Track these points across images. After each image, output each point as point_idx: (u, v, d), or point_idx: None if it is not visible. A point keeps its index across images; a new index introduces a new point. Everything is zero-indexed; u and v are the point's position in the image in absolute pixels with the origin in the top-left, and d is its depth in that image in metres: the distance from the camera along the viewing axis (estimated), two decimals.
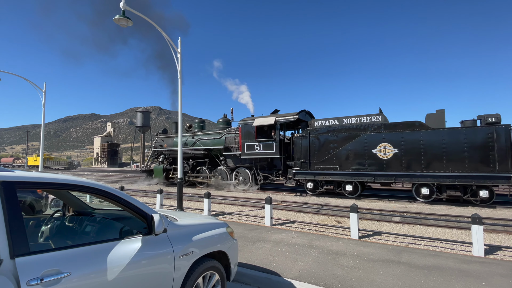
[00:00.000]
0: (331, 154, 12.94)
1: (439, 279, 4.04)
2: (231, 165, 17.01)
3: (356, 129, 12.54)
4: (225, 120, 19.22)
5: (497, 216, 8.57)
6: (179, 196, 8.70)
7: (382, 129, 12.00)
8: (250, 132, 15.40)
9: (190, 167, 18.29)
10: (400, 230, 7.30)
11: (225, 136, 17.19)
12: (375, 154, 11.99)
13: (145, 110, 77.20)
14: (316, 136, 13.46)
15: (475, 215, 5.15)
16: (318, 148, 13.36)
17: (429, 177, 11.00)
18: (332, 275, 4.17)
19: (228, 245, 3.16)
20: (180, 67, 9.04)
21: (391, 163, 11.67)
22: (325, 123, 13.51)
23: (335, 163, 12.86)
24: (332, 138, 13.06)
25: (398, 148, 11.55)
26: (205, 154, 17.83)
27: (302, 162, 13.61)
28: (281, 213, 9.56)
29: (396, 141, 11.62)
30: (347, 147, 12.61)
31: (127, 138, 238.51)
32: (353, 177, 12.48)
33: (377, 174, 11.96)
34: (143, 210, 2.40)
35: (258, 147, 15.07)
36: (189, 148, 18.33)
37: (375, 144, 12.00)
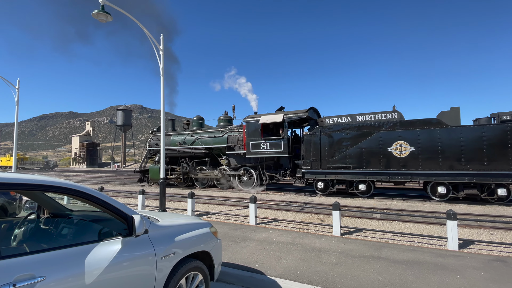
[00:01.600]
0: (344, 152, 12.47)
1: (417, 273, 4.20)
2: (234, 164, 16.26)
3: (370, 127, 12.11)
4: (226, 117, 18.36)
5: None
6: (161, 196, 8.55)
7: (398, 126, 11.64)
8: (255, 130, 14.70)
9: (190, 166, 17.35)
10: (380, 227, 7.53)
11: (227, 134, 16.41)
12: (390, 152, 11.63)
13: (126, 108, 75.22)
14: (328, 133, 12.95)
15: (449, 211, 5.39)
16: (329, 146, 12.85)
17: (446, 175, 10.82)
18: (315, 272, 4.24)
19: (212, 245, 3.14)
20: (162, 64, 8.87)
21: (408, 162, 11.37)
22: (337, 120, 12.95)
23: (348, 162, 12.40)
24: (345, 135, 12.56)
25: (414, 146, 11.26)
26: (206, 153, 17.01)
27: (312, 161, 13.09)
28: (265, 211, 9.61)
29: (413, 139, 11.32)
30: (360, 145, 12.17)
31: (107, 137, 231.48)
32: (366, 176, 12.10)
33: (392, 173, 11.62)
34: (123, 211, 2.34)
35: (264, 146, 14.40)
36: (188, 147, 17.46)
37: (391, 142, 11.65)
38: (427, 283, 3.84)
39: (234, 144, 16.02)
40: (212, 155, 17.12)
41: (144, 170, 19.69)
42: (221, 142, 16.47)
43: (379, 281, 3.93)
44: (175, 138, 18.27)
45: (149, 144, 19.74)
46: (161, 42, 8.97)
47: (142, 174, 19.74)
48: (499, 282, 3.86)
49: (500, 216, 8.46)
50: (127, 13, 8.14)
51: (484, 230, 6.96)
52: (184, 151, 17.39)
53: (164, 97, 8.90)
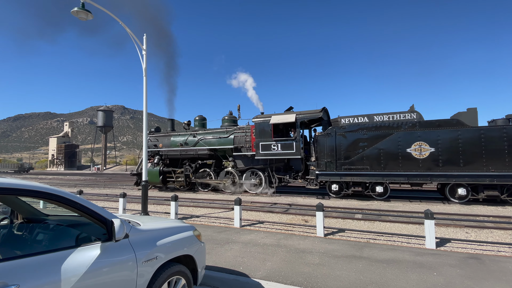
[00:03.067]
0: (360, 153, 12.14)
1: (397, 271, 4.32)
2: (241, 166, 15.54)
3: (389, 127, 11.83)
4: (231, 117, 17.47)
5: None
6: (143, 199, 8.36)
7: (417, 127, 11.40)
8: (265, 130, 14.11)
9: (193, 169, 16.40)
10: (362, 227, 7.69)
11: (233, 135, 15.65)
12: (409, 153, 11.39)
13: (107, 109, 73.23)
14: (343, 134, 12.52)
15: (427, 210, 5.59)
16: (345, 147, 12.44)
17: (466, 176, 10.67)
18: (299, 273, 4.28)
19: (195, 249, 3.10)
20: (145, 64, 8.70)
21: (427, 163, 11.16)
22: (353, 120, 12.60)
23: (365, 163, 12.05)
24: (362, 136, 12.21)
25: (434, 147, 11.07)
26: (210, 155, 16.21)
27: (327, 162, 12.67)
28: (250, 213, 9.60)
29: (433, 139, 11.12)
30: (378, 146, 11.86)
31: (87, 139, 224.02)
32: (384, 178, 11.80)
33: (411, 175, 11.37)
34: (102, 215, 2.27)
35: (275, 147, 13.83)
36: (191, 148, 16.55)
37: (410, 143, 11.39)
38: (406, 281, 3.97)
39: (241, 145, 15.33)
40: (216, 157, 16.40)
41: (141, 173, 18.35)
42: (227, 143, 15.70)
43: (360, 280, 4.01)
44: (175, 139, 17.35)
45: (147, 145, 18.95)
46: (144, 42, 8.81)
47: (139, 177, 18.33)
48: (473, 279, 4.04)
49: (474, 215, 8.86)
50: (110, 12, 7.94)
51: (459, 228, 7.27)
52: (186, 153, 16.55)
53: (146, 97, 8.73)
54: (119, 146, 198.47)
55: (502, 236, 6.57)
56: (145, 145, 8.75)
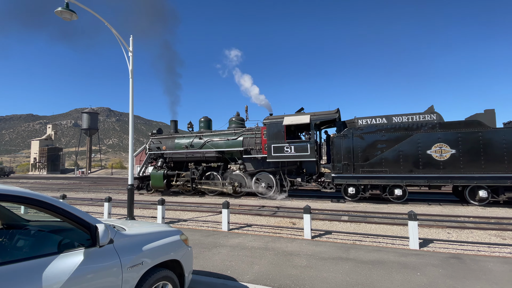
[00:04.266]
0: (379, 155, 11.87)
1: (382, 272, 4.41)
2: (250, 169, 15.00)
3: (408, 129, 11.60)
4: (239, 119, 16.93)
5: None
6: (129, 204, 8.20)
7: (437, 128, 11.22)
8: (278, 132, 13.68)
9: (200, 172, 15.73)
10: (348, 229, 7.81)
11: (242, 137, 15.16)
12: (430, 155, 11.19)
13: (92, 111, 71.61)
14: (360, 135, 12.20)
15: (411, 212, 5.74)
16: (363, 149, 12.12)
17: (488, 178, 10.56)
18: (286, 275, 4.30)
19: (182, 253, 3.07)
20: (132, 66, 8.59)
21: (448, 165, 10.99)
22: (371, 121, 12.33)
23: (384, 166, 11.75)
24: (380, 137, 11.93)
25: (455, 149, 10.92)
26: (218, 158, 15.61)
27: (344, 164, 12.30)
28: (238, 217, 9.57)
29: (453, 141, 10.97)
30: (397, 147, 11.61)
31: (71, 142, 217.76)
32: (403, 181, 11.55)
33: (431, 177, 11.18)
34: (85, 220, 2.22)
35: (288, 149, 13.38)
36: (197, 150, 15.91)
37: (430, 145, 11.20)
38: (391, 282, 4.05)
39: (251, 148, 14.84)
40: (224, 160, 15.91)
41: (143, 177, 17.57)
42: (235, 145, 15.20)
43: (347, 281, 4.07)
44: (180, 141, 16.71)
45: (149, 148, 17.65)
46: (131, 43, 8.71)
47: (140, 181, 17.54)
48: (455, 278, 4.17)
49: (456, 216, 9.15)
50: (95, 13, 7.81)
51: (441, 229, 7.49)
52: (193, 155, 15.89)
53: (133, 100, 8.61)
54: (105, 149, 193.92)
55: (482, 236, 6.81)
56: (131, 148, 8.60)
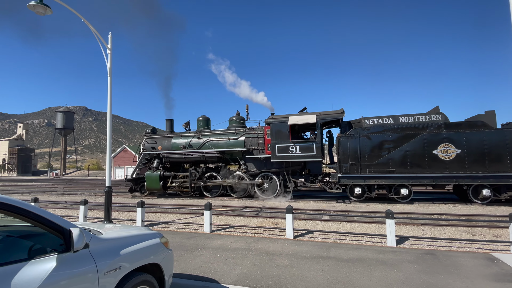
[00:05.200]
0: (386, 155, 11.94)
1: (361, 269, 4.53)
2: (253, 170, 14.64)
3: (414, 129, 11.74)
4: (239, 118, 16.47)
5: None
6: (107, 206, 7.92)
7: (443, 128, 11.43)
8: (282, 131, 13.42)
9: (200, 173, 15.24)
10: (329, 228, 7.96)
11: (244, 137, 14.78)
12: (436, 155, 11.37)
13: (67, 110, 68.65)
14: (367, 135, 12.20)
15: (388, 210, 5.94)
16: (369, 149, 12.13)
17: (491, 178, 10.82)
18: (268, 275, 4.31)
19: (162, 256, 3.00)
20: (110, 64, 8.32)
21: (453, 164, 11.21)
22: (377, 121, 12.41)
23: (391, 166, 11.82)
24: (387, 138, 11.99)
25: (461, 149, 11.16)
26: (219, 158, 15.17)
27: (351, 164, 12.24)
28: (221, 218, 9.49)
29: (459, 141, 11.20)
30: (404, 147, 11.72)
31: (44, 142, 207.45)
32: (409, 180, 11.68)
33: (437, 176, 11.36)
34: (59, 224, 2.12)
35: (293, 149, 13.15)
36: (197, 150, 15.38)
37: (436, 145, 11.39)
38: (369, 278, 4.17)
39: (253, 148, 14.52)
40: (225, 160, 15.51)
41: (137, 178, 16.79)
42: (237, 145, 14.82)
43: (328, 280, 4.15)
44: (177, 141, 16.15)
45: (143, 148, 16.94)
46: (109, 40, 8.43)
47: (134, 183, 16.78)
48: (429, 273, 4.35)
49: (429, 213, 9.57)
50: (72, 8, 7.49)
51: (417, 227, 7.79)
52: (192, 156, 15.34)
53: (111, 99, 8.33)
54: (81, 149, 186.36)
55: (453, 233, 7.16)
56: (109, 148, 8.30)
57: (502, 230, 7.17)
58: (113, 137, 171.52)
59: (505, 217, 7.92)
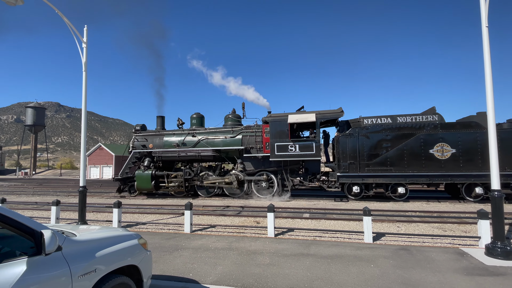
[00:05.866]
0: (384, 154, 12.12)
1: (339, 266, 4.64)
2: (250, 169, 14.44)
3: (412, 128, 12.00)
4: (235, 116, 16.05)
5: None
6: (81, 207, 7.60)
7: (439, 128, 11.73)
8: (282, 130, 13.36)
9: (195, 173, 14.77)
10: (310, 225, 8.09)
11: (241, 135, 14.53)
12: (432, 154, 11.65)
13: (38, 105, 65.03)
14: (366, 135, 12.34)
15: (365, 208, 6.12)
16: (368, 148, 12.28)
17: (484, 176, 11.12)
18: (249, 274, 4.31)
19: (140, 258, 2.92)
20: (85, 58, 7.97)
21: (449, 163, 11.53)
22: (376, 121, 12.57)
23: (388, 164, 12.03)
24: (385, 137, 12.18)
25: (455, 148, 11.49)
26: (215, 157, 14.85)
27: (350, 163, 12.37)
28: (202, 218, 9.38)
29: (454, 141, 11.53)
30: (401, 147, 11.96)
31: (12, 139, 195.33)
32: (406, 179, 11.92)
33: (433, 175, 11.66)
34: (28, 226, 2.00)
35: (293, 148, 13.13)
36: (192, 149, 14.92)
37: (432, 144, 11.67)
38: (348, 274, 4.28)
39: (251, 146, 14.32)
40: (221, 159, 15.18)
41: (125, 178, 15.92)
42: (234, 143, 14.56)
43: (308, 277, 4.21)
44: (170, 139, 15.59)
45: (133, 146, 16.17)
46: (85, 34, 8.06)
47: (122, 182, 15.92)
48: (403, 268, 4.54)
49: (404, 211, 9.97)
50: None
51: (392, 223, 8.11)
52: (187, 154, 14.84)
53: (86, 94, 7.98)
54: (53, 147, 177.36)
55: (426, 229, 7.51)
56: (84, 147, 7.96)
57: (471, 226, 7.61)
58: (88, 135, 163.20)
59: (473, 213, 8.42)
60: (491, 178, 5.39)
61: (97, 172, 44.16)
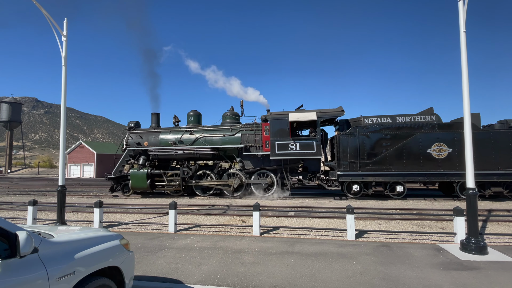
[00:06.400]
0: (384, 153, 12.32)
1: (323, 263, 4.72)
2: (249, 167, 14.31)
3: (410, 128, 12.23)
4: (233, 114, 15.78)
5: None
6: (59, 207, 7.33)
7: (437, 128, 12.02)
8: (282, 128, 13.33)
9: (193, 171, 14.44)
10: (294, 224, 8.18)
11: (240, 133, 14.34)
12: (430, 153, 11.93)
13: (14, 101, 62.13)
14: (366, 134, 12.53)
15: (349, 206, 6.25)
16: (368, 147, 12.46)
17: (478, 175, 11.14)
18: (234, 273, 4.31)
19: (122, 259, 2.85)
20: (65, 52, 7.68)
21: (445, 162, 11.84)
22: (376, 120, 12.76)
23: (388, 163, 12.25)
24: (385, 136, 12.40)
25: (452, 148, 11.82)
26: (213, 155, 14.57)
27: (350, 162, 12.50)
28: (187, 217, 9.28)
29: (450, 140, 11.86)
30: (400, 146, 12.19)
31: None
32: (405, 178, 12.18)
33: (430, 174, 11.88)
34: (2, 227, 1.91)
35: (293, 146, 13.15)
36: (189, 147, 14.55)
37: (430, 144, 11.95)
38: (331, 271, 4.36)
39: (250, 145, 14.15)
40: (219, 157, 14.94)
41: (119, 177, 15.35)
42: (233, 142, 14.35)
43: (292, 274, 4.26)
44: (166, 137, 15.20)
45: (127, 143, 15.60)
46: (65, 27, 7.76)
47: (116, 181, 15.36)
48: (384, 264, 4.67)
49: (385, 208, 10.26)
50: None
51: (374, 221, 8.32)
52: (184, 152, 14.47)
53: (66, 90, 7.70)
54: (30, 145, 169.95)
55: (406, 226, 7.76)
56: (63, 144, 7.67)
57: (447, 223, 7.93)
58: (68, 132, 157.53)
59: (450, 211, 8.77)
60: (467, 177, 5.63)
61: (77, 170, 42.72)
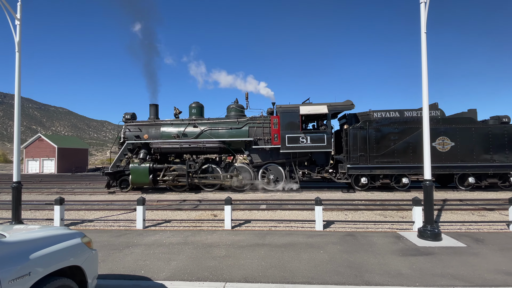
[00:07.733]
0: (392, 147, 12.76)
1: (292, 253, 4.86)
2: (257, 161, 14.06)
3: (417, 122, 12.61)
4: (239, 106, 15.31)
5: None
6: (15, 205, 6.79)
7: (441, 123, 12.60)
8: (293, 122, 13.28)
9: (199, 165, 13.84)
10: (266, 216, 8.31)
11: (248, 126, 14.00)
12: (434, 147, 12.45)
13: None
14: (376, 128, 12.88)
15: (317, 198, 6.47)
16: (377, 140, 12.82)
17: (476, 167, 12.36)
18: (205, 267, 4.30)
19: (84, 258, 2.73)
20: (19, 38, 7.03)
21: (448, 155, 12.49)
22: (385, 114, 13.13)
23: (396, 156, 12.71)
24: (393, 130, 12.83)
25: (454, 141, 12.49)
26: (221, 148, 14.14)
27: (360, 155, 12.79)
28: (156, 213, 9.05)
29: (453, 134, 12.50)
30: (408, 140, 12.68)
31: None
32: (411, 170, 12.70)
33: (435, 166, 11.97)
34: None
35: (304, 140, 13.16)
36: (195, 140, 14.02)
37: (434, 138, 12.47)
38: (299, 261, 4.51)
39: (258, 138, 13.85)
40: (226, 150, 14.50)
41: (116, 172, 14.35)
42: (240, 135, 13.96)
43: (262, 266, 4.34)
44: (168, 129, 14.44)
45: (124, 136, 14.66)
46: (18, 10, 7.09)
47: (113, 177, 14.40)
48: (349, 252, 4.92)
49: (352, 200, 10.76)
50: None
51: (341, 212, 8.70)
52: (190, 146, 13.93)
53: (20, 78, 7.07)
54: None
55: (370, 216, 8.21)
56: (18, 137, 7.08)
57: (407, 212, 8.51)
58: (25, 124, 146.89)
59: (409, 201, 9.41)
60: (424, 170, 6.04)
61: (36, 166, 39.69)
